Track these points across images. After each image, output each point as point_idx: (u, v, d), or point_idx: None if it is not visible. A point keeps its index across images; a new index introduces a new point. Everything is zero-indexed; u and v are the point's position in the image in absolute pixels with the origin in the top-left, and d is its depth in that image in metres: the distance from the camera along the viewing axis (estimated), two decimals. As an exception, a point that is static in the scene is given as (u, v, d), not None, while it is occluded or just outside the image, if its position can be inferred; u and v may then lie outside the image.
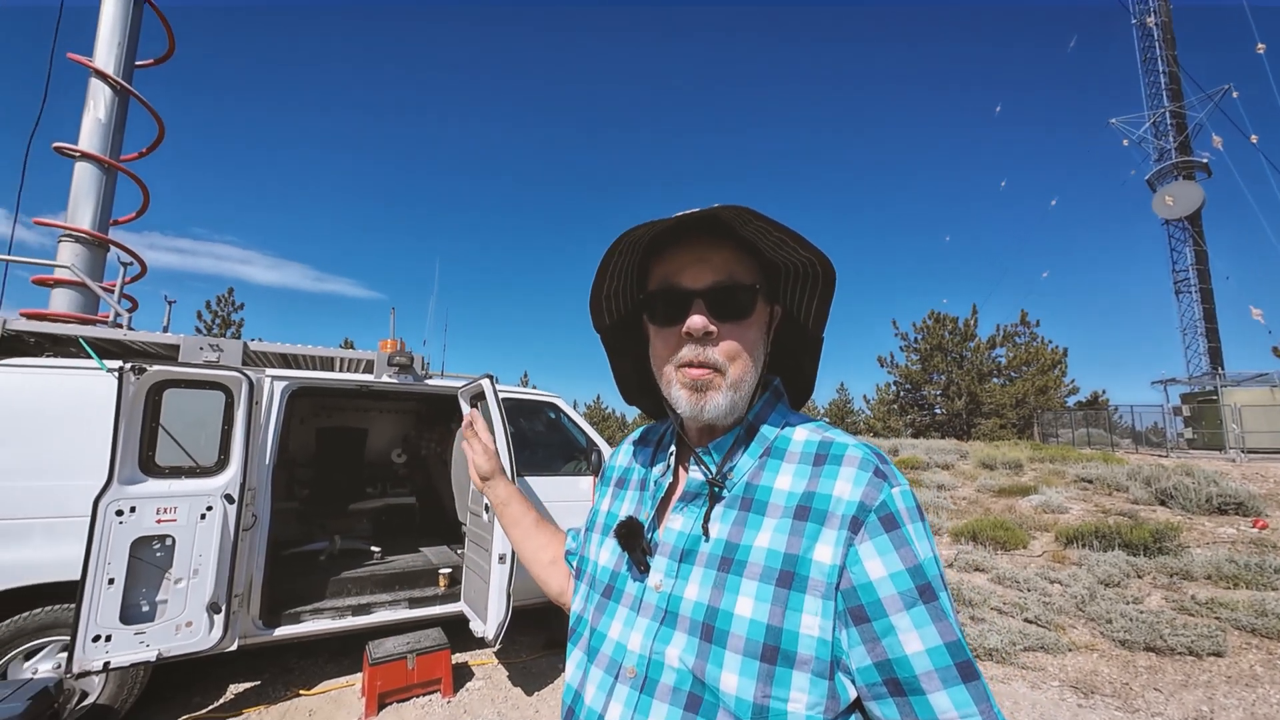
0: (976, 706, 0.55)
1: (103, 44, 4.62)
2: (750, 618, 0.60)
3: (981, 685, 0.57)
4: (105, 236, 4.54)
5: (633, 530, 0.73)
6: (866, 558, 0.59)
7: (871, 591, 0.58)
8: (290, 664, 3.89)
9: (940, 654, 0.56)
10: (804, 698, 0.57)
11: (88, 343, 3.31)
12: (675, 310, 0.68)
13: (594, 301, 0.76)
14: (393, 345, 4.18)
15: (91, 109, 4.54)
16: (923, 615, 0.57)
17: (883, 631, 0.57)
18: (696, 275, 0.68)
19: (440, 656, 3.48)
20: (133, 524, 2.83)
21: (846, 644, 0.59)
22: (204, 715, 3.20)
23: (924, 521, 0.62)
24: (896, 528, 0.60)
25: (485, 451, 1.05)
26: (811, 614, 0.59)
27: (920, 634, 0.56)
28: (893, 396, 29.06)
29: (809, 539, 0.61)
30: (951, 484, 10.82)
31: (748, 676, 0.58)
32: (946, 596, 0.59)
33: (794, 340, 0.79)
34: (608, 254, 0.68)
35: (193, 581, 2.96)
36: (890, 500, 0.61)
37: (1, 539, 2.83)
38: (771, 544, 0.62)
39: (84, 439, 3.02)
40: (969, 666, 0.56)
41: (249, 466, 3.20)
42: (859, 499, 0.61)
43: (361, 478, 6.21)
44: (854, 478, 0.63)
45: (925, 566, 0.59)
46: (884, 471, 0.63)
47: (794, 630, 0.58)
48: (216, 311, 25.19)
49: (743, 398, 0.69)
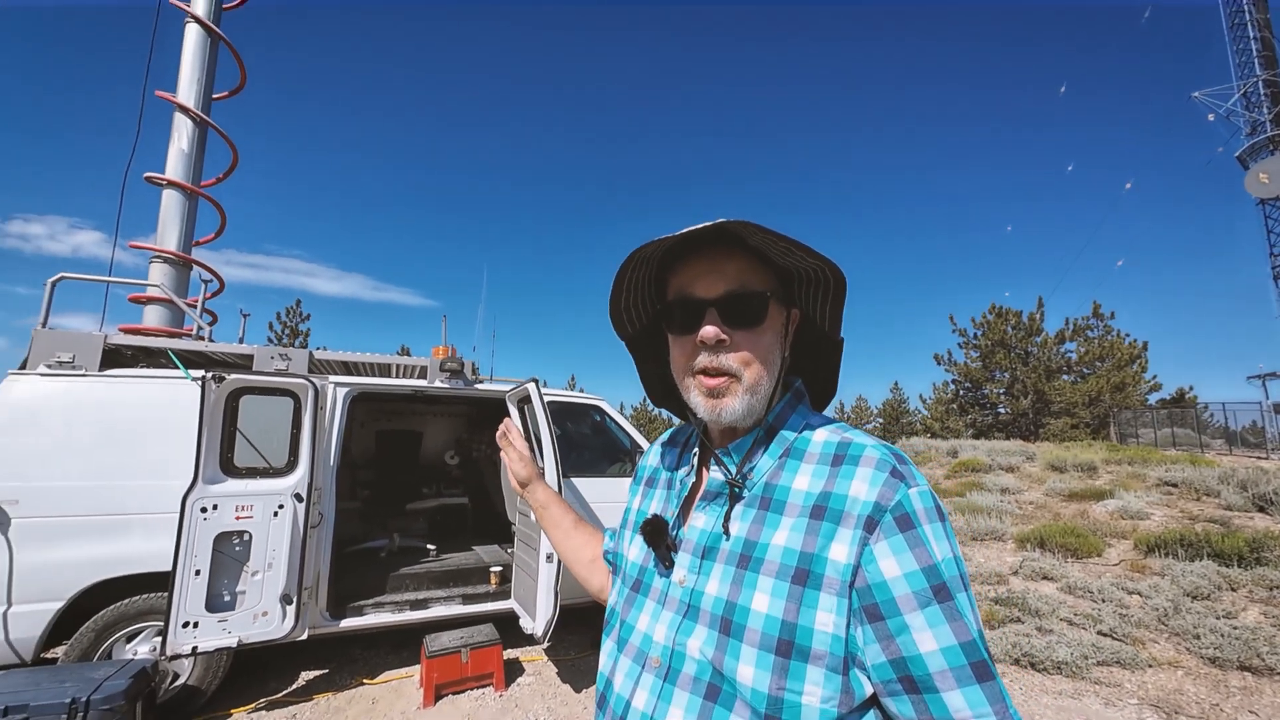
0: (991, 706, 0.56)
1: (184, 81, 5.07)
2: (766, 613, 0.62)
3: (997, 685, 0.57)
4: (189, 257, 4.96)
5: (657, 528, 0.76)
6: (881, 557, 0.60)
7: (886, 590, 0.59)
8: (354, 654, 4.12)
9: (954, 653, 0.57)
10: (818, 691, 0.59)
11: (175, 354, 3.63)
12: (690, 319, 0.71)
13: (613, 313, 0.80)
14: (444, 352, 4.37)
15: (175, 140, 4.98)
16: (937, 615, 0.57)
17: (897, 630, 0.58)
18: (710, 285, 0.70)
19: (492, 652, 3.60)
20: (215, 520, 3.08)
21: (861, 641, 0.60)
22: (279, 699, 3.44)
23: (943, 522, 0.62)
24: (912, 528, 0.60)
25: (522, 458, 1.09)
26: (826, 611, 0.60)
27: (934, 633, 0.57)
28: (951, 396, 27.77)
29: (825, 538, 0.62)
30: (1016, 487, 10.25)
31: (763, 669, 0.60)
32: (965, 597, 0.59)
33: (813, 343, 0.81)
34: (621, 270, 0.72)
35: (267, 574, 3.19)
36: (906, 500, 0.61)
37: (105, 533, 3.14)
38: (788, 542, 0.64)
39: (173, 442, 3.31)
40: (984, 666, 0.57)
41: (315, 467, 3.43)
42: (875, 499, 0.62)
43: (417, 479, 6.49)
44: (870, 478, 0.63)
45: (940, 567, 0.59)
46: (901, 472, 0.63)
47: (809, 626, 0.60)
48: (286, 322, 26.86)
49: (760, 401, 0.71)
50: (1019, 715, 0.58)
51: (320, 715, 3.27)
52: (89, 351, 3.37)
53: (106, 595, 3.15)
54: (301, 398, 3.42)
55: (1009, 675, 3.76)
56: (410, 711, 3.31)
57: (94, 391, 3.31)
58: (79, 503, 3.12)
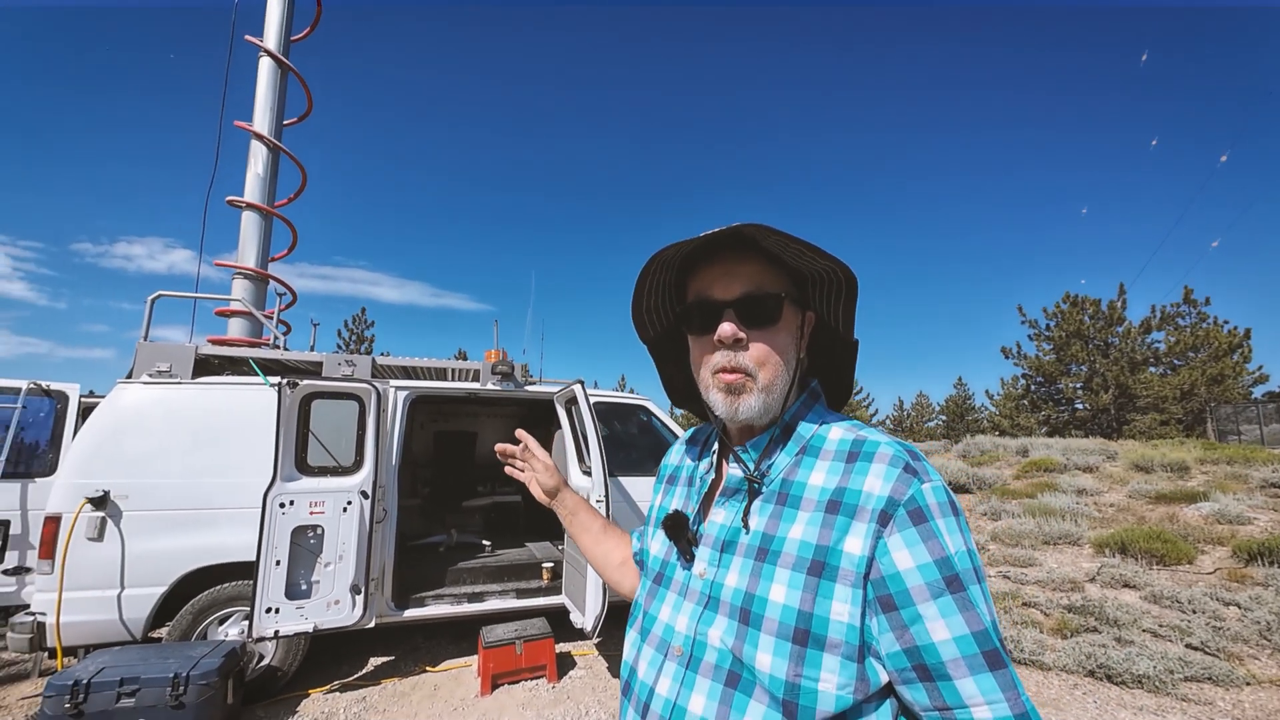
0: (1003, 693, 0.57)
1: (259, 110, 5.51)
2: (783, 603, 0.64)
3: (1009, 674, 0.58)
4: (266, 273, 5.39)
5: (678, 523, 0.79)
6: (895, 550, 0.61)
7: (900, 581, 0.61)
8: (417, 643, 4.36)
9: (967, 642, 0.58)
10: (834, 678, 0.61)
11: (255, 363, 3.96)
12: (708, 320, 0.74)
13: (635, 316, 0.84)
14: (496, 356, 4.54)
15: (252, 165, 5.42)
16: (950, 605, 0.59)
17: (910, 619, 0.60)
18: (726, 287, 0.73)
19: (545, 644, 3.73)
20: (292, 515, 3.34)
21: (876, 630, 0.62)
22: (350, 682, 3.69)
23: (957, 517, 0.63)
24: (925, 521, 0.62)
25: (546, 468, 1.05)
26: (841, 601, 0.62)
27: (947, 622, 0.59)
28: (1022, 391, 26.13)
29: (839, 531, 0.64)
30: (1095, 488, 9.55)
31: (780, 656, 0.63)
32: (978, 589, 0.60)
33: (828, 344, 0.82)
34: (642, 274, 0.76)
35: (338, 566, 3.44)
36: (919, 495, 0.63)
37: (199, 526, 3.47)
38: (804, 536, 0.66)
39: (255, 443, 3.61)
40: (996, 655, 0.58)
41: (379, 466, 3.66)
42: (888, 494, 0.63)
43: (473, 477, 6.76)
44: (884, 474, 0.65)
45: (953, 559, 0.60)
46: (914, 468, 0.65)
47: (824, 616, 0.62)
48: (352, 329, 28.49)
49: (775, 399, 0.73)
50: (1031, 702, 0.58)
51: (387, 699, 3.48)
52: (183, 361, 3.73)
53: (201, 582, 3.48)
54: (366, 401, 3.65)
55: (1081, 687, 3.54)
56: (469, 699, 3.48)
57: (188, 397, 3.66)
58: (177, 498, 3.46)
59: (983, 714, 0.57)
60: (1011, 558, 6.32)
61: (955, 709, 0.58)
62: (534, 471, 1.06)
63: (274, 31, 5.64)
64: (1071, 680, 3.63)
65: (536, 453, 1.06)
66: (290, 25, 5.82)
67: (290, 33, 5.83)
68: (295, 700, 3.43)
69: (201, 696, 2.83)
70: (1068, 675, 3.69)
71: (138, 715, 2.74)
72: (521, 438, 1.08)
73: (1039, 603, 4.92)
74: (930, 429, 34.85)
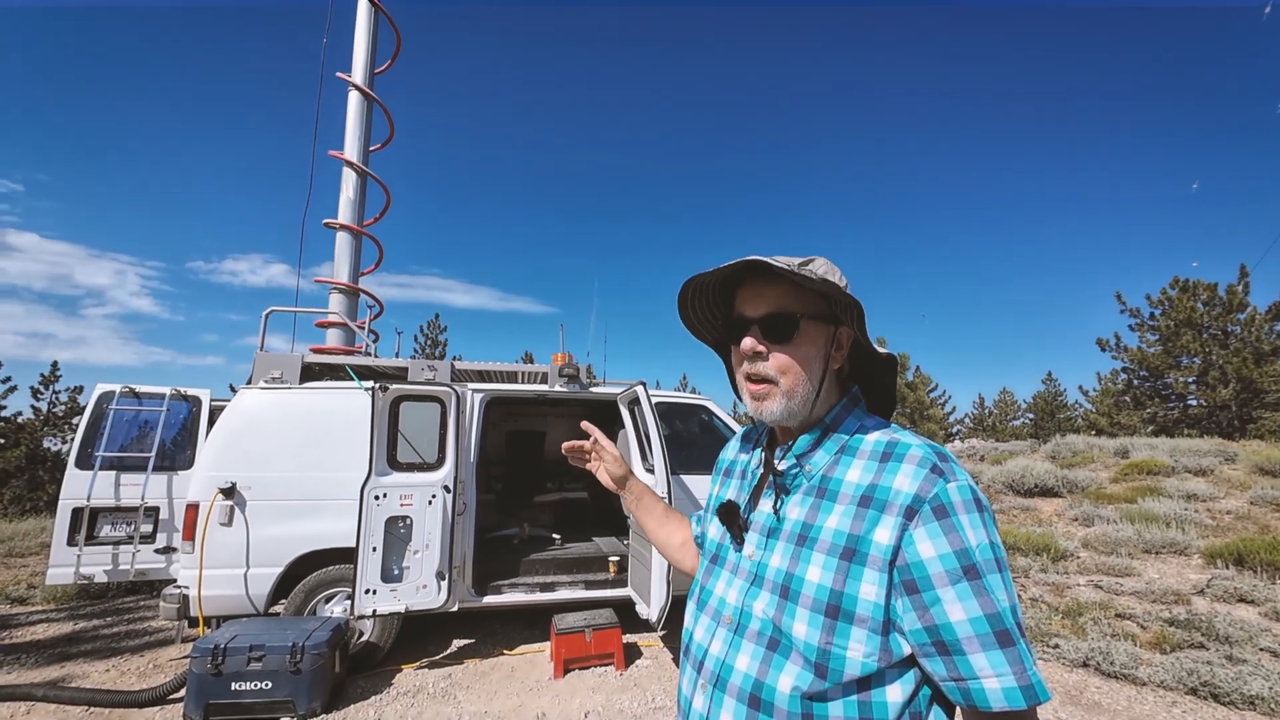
0: (1010, 667, 0.65)
1: (349, 139, 6.08)
2: (818, 582, 0.75)
3: (1017, 650, 0.66)
4: (358, 287, 5.93)
5: (731, 511, 0.91)
6: (919, 540, 0.70)
7: (922, 568, 0.70)
8: (494, 629, 4.67)
9: (980, 623, 0.67)
10: (860, 648, 0.71)
11: (351, 369, 4.40)
12: (739, 334, 0.85)
13: (687, 325, 0.97)
14: (562, 359, 4.78)
15: (344, 190, 5.98)
16: (966, 590, 0.68)
17: (930, 602, 0.69)
18: (754, 307, 0.85)
19: (613, 634, 3.91)
20: (386, 506, 3.70)
21: (901, 610, 0.71)
22: (437, 660, 4.03)
23: (981, 513, 0.71)
24: (947, 516, 0.70)
25: (614, 459, 1.15)
26: (870, 583, 0.72)
27: (963, 605, 0.67)
28: (1122, 387, 23.83)
29: (870, 523, 0.74)
30: (1209, 493, 8.65)
31: (814, 627, 0.73)
32: (996, 578, 0.68)
33: (865, 357, 0.92)
34: (680, 295, 0.90)
35: (425, 553, 3.77)
36: (943, 493, 0.72)
37: (308, 515, 3.91)
38: (839, 525, 0.76)
39: (352, 441, 4.02)
40: (1006, 634, 0.66)
41: (459, 463, 3.97)
42: (915, 491, 0.72)
43: (543, 474, 7.10)
44: (913, 473, 0.74)
45: (971, 550, 0.69)
46: (941, 469, 0.74)
47: (854, 594, 0.72)
48: (428, 334, 30.18)
49: (797, 404, 0.83)
50: (1038, 676, 0.66)
51: (469, 677, 3.78)
52: (292, 369, 4.21)
53: (311, 564, 3.92)
54: (447, 403, 3.98)
55: (1181, 705, 3.30)
56: (543, 681, 3.71)
57: (296, 401, 4.13)
58: (289, 489, 3.91)
59: (992, 685, 0.66)
60: (1105, 566, 5.89)
61: (969, 680, 0.67)
62: (602, 461, 1.17)
63: (360, 66, 6.20)
64: (1170, 697, 3.39)
65: (604, 444, 1.16)
66: (374, 59, 6.37)
67: (374, 65, 6.38)
68: (390, 674, 3.79)
69: (315, 665, 3.21)
70: (1166, 692, 3.45)
71: (264, 678, 3.16)
72: (588, 430, 1.19)
73: (1135, 614, 4.58)
74: (1015, 428, 32.44)
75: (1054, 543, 6.42)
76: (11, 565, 7.14)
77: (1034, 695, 0.65)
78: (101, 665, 3.94)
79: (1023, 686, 0.65)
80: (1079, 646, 3.90)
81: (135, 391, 4.58)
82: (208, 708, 3.11)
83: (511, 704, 3.41)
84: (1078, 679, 3.65)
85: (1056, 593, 5.29)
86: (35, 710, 3.22)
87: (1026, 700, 0.65)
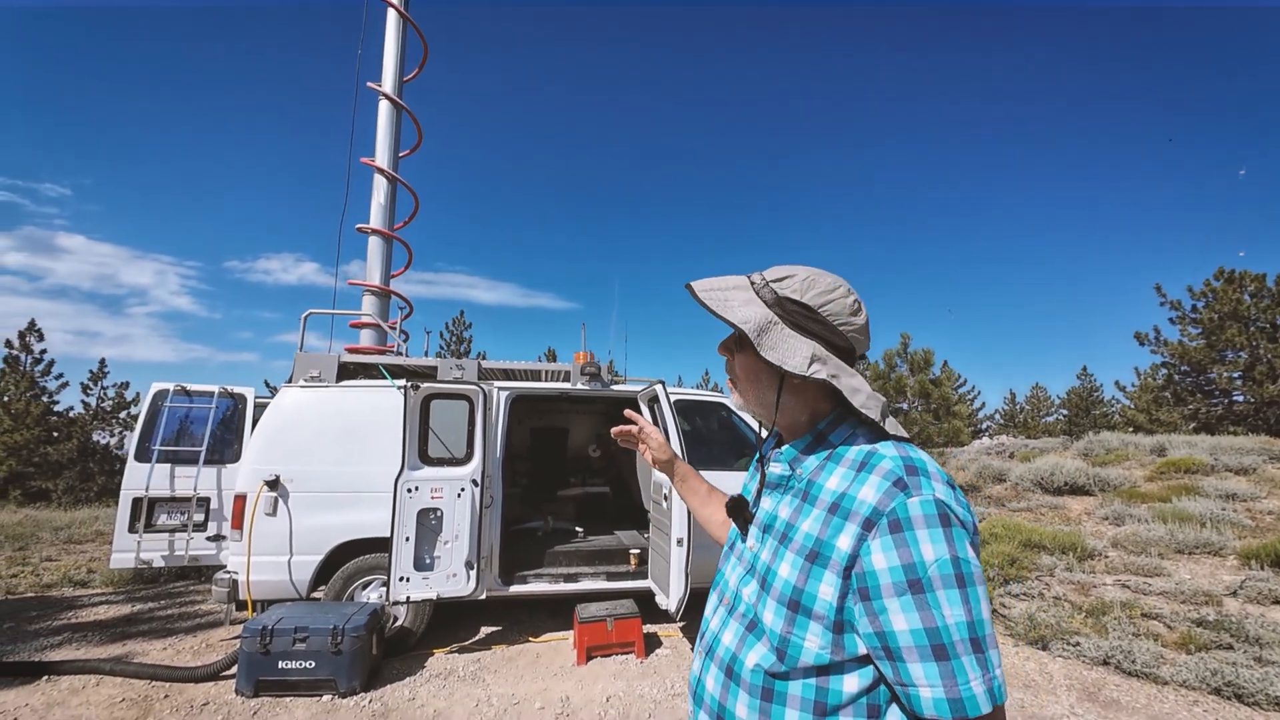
0: (943, 680, 0.70)
1: (380, 147, 6.31)
2: (785, 578, 0.84)
3: (952, 665, 0.71)
4: (389, 289, 6.18)
5: (740, 505, 1.02)
6: (874, 552, 0.76)
7: (875, 578, 0.75)
8: (520, 617, 4.86)
9: (920, 635, 0.72)
10: (816, 640, 0.79)
11: (384, 368, 4.62)
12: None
13: None
14: (584, 358, 4.93)
15: (375, 196, 6.23)
16: (909, 603, 0.73)
17: (879, 610, 0.75)
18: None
19: (634, 623, 4.05)
20: (418, 498, 3.90)
21: (857, 614, 0.78)
22: (466, 646, 4.23)
23: (944, 528, 0.74)
24: (900, 531, 0.75)
25: (659, 444, 1.27)
26: (828, 585, 0.79)
27: (905, 617, 0.73)
28: (1162, 382, 22.98)
29: (834, 530, 0.81)
30: (1250, 493, 8.37)
31: (779, 617, 0.83)
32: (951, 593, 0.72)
33: None
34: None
35: (455, 544, 3.96)
36: (901, 508, 0.76)
37: (345, 506, 4.13)
38: (810, 529, 0.85)
39: (386, 436, 4.23)
40: (943, 649, 0.71)
41: (486, 458, 4.15)
42: (874, 503, 0.78)
43: (565, 469, 7.28)
44: (876, 485, 0.80)
45: (920, 565, 0.73)
46: (906, 482, 0.78)
47: (813, 593, 0.80)
48: (453, 331, 30.74)
49: (753, 404, 0.97)
50: (971, 691, 0.69)
51: (497, 662, 3.97)
52: (329, 368, 4.44)
53: (348, 553, 4.15)
54: (474, 401, 4.15)
55: (1203, 704, 3.29)
56: (567, 666, 3.88)
57: (333, 398, 4.36)
58: (328, 482, 4.15)
59: (925, 694, 0.71)
60: (1134, 566, 5.79)
61: (908, 686, 0.73)
62: (648, 445, 1.30)
63: (390, 75, 6.43)
64: (1191, 697, 3.37)
65: (647, 429, 1.29)
66: (403, 67, 6.60)
67: (403, 74, 6.60)
68: (423, 657, 4.00)
69: (354, 646, 3.43)
70: (1188, 691, 3.43)
71: (308, 657, 3.39)
72: (631, 417, 1.31)
73: (1162, 615, 4.52)
74: (1048, 425, 31.54)
75: (1081, 541, 6.33)
76: (71, 551, 7.65)
77: (962, 708, 0.69)
78: (159, 644, 4.25)
79: (951, 699, 0.69)
80: (1099, 645, 3.89)
81: (187, 390, 4.89)
82: (258, 684, 3.35)
83: (537, 688, 3.58)
84: (1097, 676, 3.65)
85: (1081, 592, 5.24)
86: (104, 683, 3.51)
87: (953, 712, 0.69)
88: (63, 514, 11.03)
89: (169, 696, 3.36)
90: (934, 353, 12.27)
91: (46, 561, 6.90)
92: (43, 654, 4.00)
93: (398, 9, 6.58)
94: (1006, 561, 5.80)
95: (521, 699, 3.44)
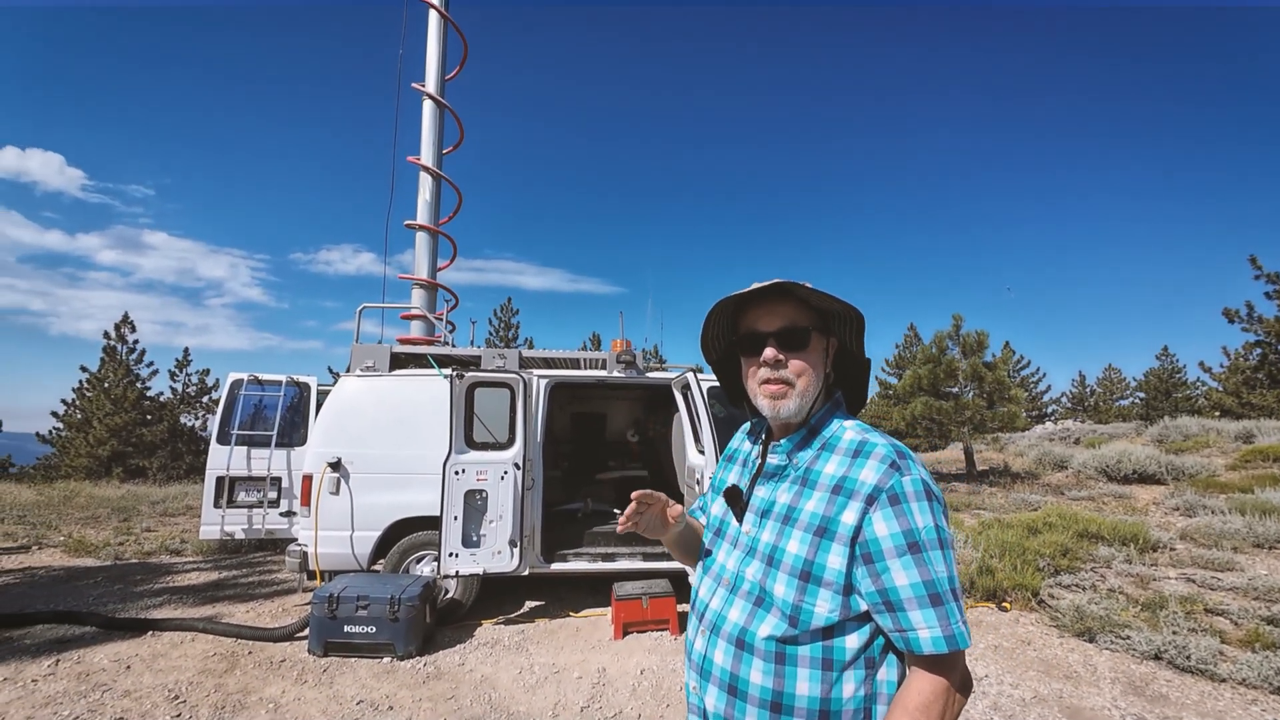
0: (939, 622, 0.85)
1: (425, 146, 6.59)
2: (795, 553, 0.94)
3: (945, 609, 0.85)
4: (436, 282, 6.49)
5: (734, 493, 1.11)
6: (876, 522, 0.90)
7: (877, 544, 0.89)
8: (561, 593, 5.11)
9: (918, 587, 0.86)
10: (825, 605, 0.91)
11: (432, 358, 4.89)
12: (756, 346, 1.03)
13: (703, 345, 1.15)
14: (621, 346, 5.05)
15: (421, 192, 6.52)
16: (909, 562, 0.87)
17: (881, 570, 0.88)
18: (769, 322, 1.02)
19: (668, 602, 4.20)
20: (464, 480, 4.16)
21: (859, 577, 0.91)
22: (512, 619, 4.50)
23: (929, 501, 0.90)
24: (899, 504, 0.89)
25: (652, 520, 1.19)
26: (836, 555, 0.91)
27: (906, 573, 0.87)
28: (1256, 363, 21.02)
29: (839, 508, 0.93)
30: (1347, 485, 7.67)
31: (790, 588, 0.93)
32: (936, 554, 0.87)
33: (849, 363, 1.10)
34: (708, 316, 1.07)
35: (499, 523, 4.21)
36: (898, 485, 0.90)
37: (400, 486, 4.45)
38: (815, 508, 0.96)
39: (435, 422, 4.50)
40: (938, 597, 0.86)
41: (528, 443, 4.36)
42: (875, 482, 0.91)
43: (604, 453, 7.49)
44: (875, 468, 0.93)
45: (916, 530, 0.88)
46: (899, 465, 0.92)
47: (823, 563, 0.92)
48: (501, 318, 31.58)
49: (807, 403, 1.02)
50: (960, 630, 0.85)
51: (540, 634, 4.22)
52: (382, 358, 4.75)
53: (403, 529, 4.47)
54: (515, 389, 4.36)
55: (1261, 703, 3.13)
56: (605, 640, 4.08)
57: (387, 386, 4.67)
58: (383, 464, 4.47)
59: (924, 634, 0.85)
60: (1203, 560, 5.48)
61: (907, 630, 0.86)
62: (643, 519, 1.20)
63: (433, 75, 6.68)
64: (1250, 695, 3.22)
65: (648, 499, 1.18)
66: (445, 67, 6.83)
67: (445, 73, 6.84)
68: (471, 627, 4.29)
69: (410, 614, 3.73)
70: (1246, 689, 3.28)
71: (370, 623, 3.71)
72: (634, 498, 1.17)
73: (1229, 611, 4.29)
74: (1123, 409, 29.44)
75: (1144, 532, 6.02)
76: (166, 522, 8.52)
77: (954, 642, 0.84)
78: (242, 606, 4.73)
79: (945, 635, 0.84)
80: (1151, 639, 3.75)
81: (259, 379, 5.35)
82: (326, 645, 3.71)
83: (576, 659, 3.79)
84: (1146, 671, 3.53)
85: (1140, 585, 5.02)
86: (199, 639, 3.97)
87: (949, 646, 0.84)
88: (158, 489, 12.24)
89: (252, 653, 3.77)
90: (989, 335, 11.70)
91: (146, 532, 7.72)
92: (147, 612, 4.54)
93: (439, 9, 6.79)
94: (1059, 552, 5.59)
95: (561, 668, 3.66)
